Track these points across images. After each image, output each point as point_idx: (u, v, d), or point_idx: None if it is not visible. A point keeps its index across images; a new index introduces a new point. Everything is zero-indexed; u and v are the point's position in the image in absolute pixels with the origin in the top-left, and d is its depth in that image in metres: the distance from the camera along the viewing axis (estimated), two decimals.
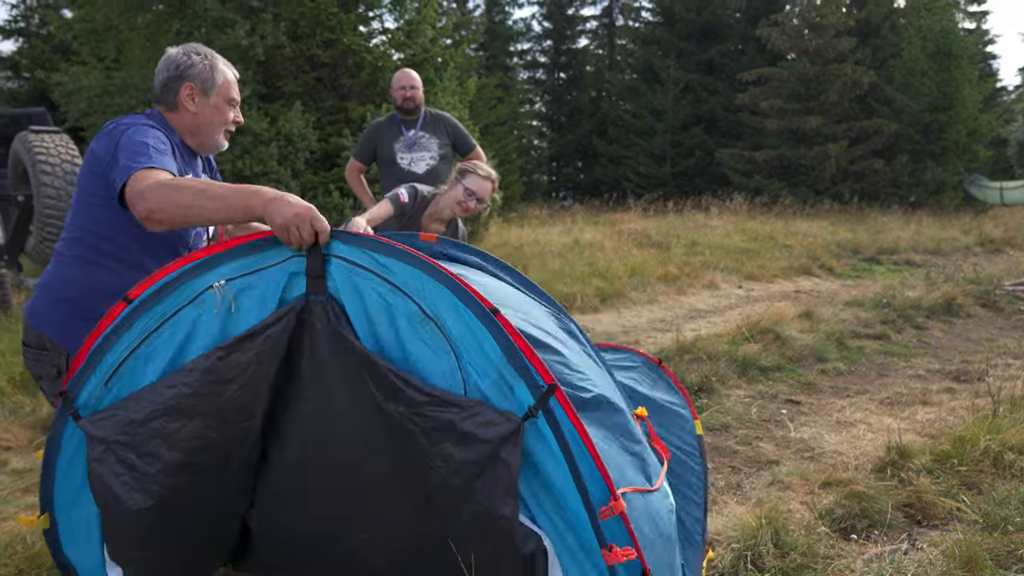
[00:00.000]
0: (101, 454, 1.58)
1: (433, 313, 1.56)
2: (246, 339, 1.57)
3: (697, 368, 4.81)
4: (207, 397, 1.57)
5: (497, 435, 1.49)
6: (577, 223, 13.47)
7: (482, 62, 23.65)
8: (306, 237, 1.60)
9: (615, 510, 1.49)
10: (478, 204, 3.25)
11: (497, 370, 1.53)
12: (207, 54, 2.08)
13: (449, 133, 4.56)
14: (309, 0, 9.37)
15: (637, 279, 7.78)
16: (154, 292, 1.64)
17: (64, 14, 12.70)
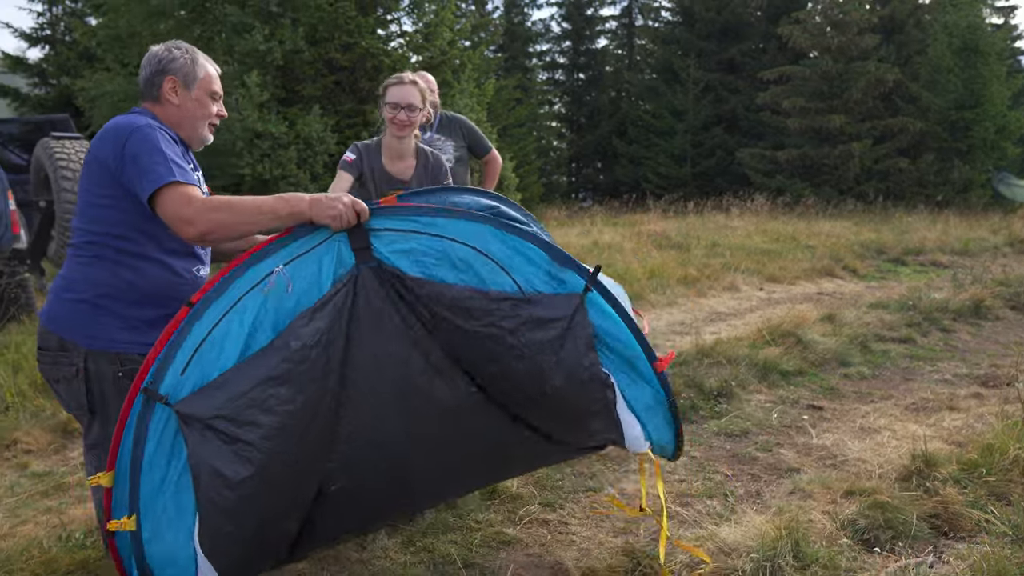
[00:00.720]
0: (200, 434, 1.70)
1: (483, 248, 1.91)
2: (319, 308, 1.81)
3: (717, 372, 4.74)
4: (296, 362, 1.76)
5: (567, 312, 1.90)
6: (596, 224, 13.39)
7: (501, 64, 23.67)
8: (352, 221, 1.85)
9: (645, 333, 2.04)
10: (409, 113, 2.97)
11: (546, 272, 1.93)
12: (187, 49, 2.12)
13: (464, 135, 4.53)
14: (327, 4, 9.43)
15: (656, 281, 7.71)
16: (215, 288, 1.78)
17: (89, 21, 12.91)
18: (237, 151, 9.06)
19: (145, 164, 1.86)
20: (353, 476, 1.94)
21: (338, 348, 1.84)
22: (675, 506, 3.10)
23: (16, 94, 12.76)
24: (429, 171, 3.20)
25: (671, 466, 3.53)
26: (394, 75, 3.09)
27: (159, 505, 1.74)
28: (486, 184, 4.84)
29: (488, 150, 4.62)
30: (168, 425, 1.73)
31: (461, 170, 4.54)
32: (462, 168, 4.56)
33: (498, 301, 1.89)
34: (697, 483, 3.34)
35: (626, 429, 2.11)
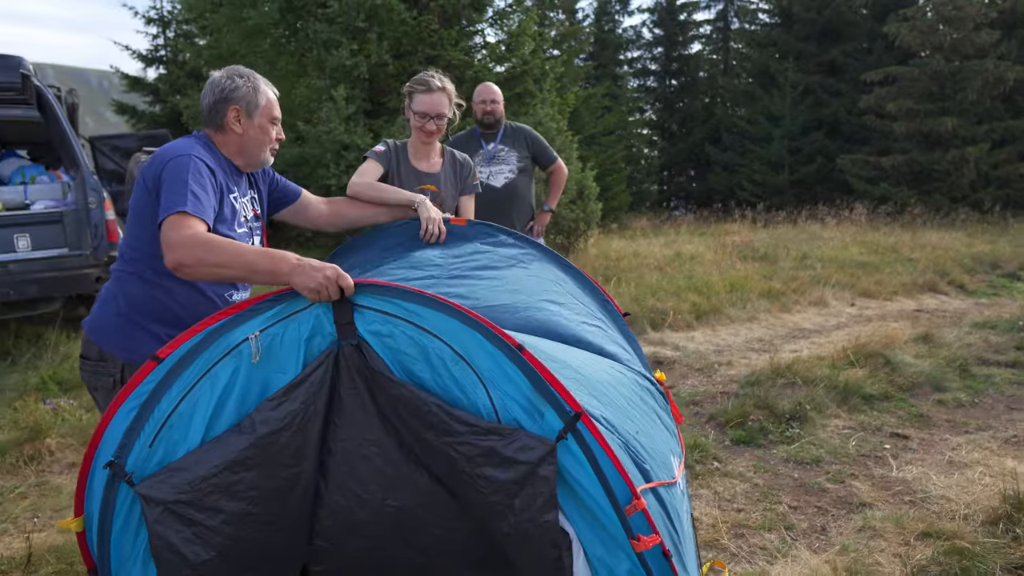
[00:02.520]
0: (160, 515, 1.67)
1: (464, 352, 1.71)
2: (293, 387, 1.71)
3: (791, 394, 4.47)
4: (264, 447, 1.69)
5: (535, 457, 1.65)
6: (681, 234, 13.02)
7: (590, 72, 23.51)
8: (334, 295, 1.72)
9: (637, 507, 1.67)
10: (439, 122, 2.95)
11: (527, 398, 1.69)
12: (249, 76, 2.16)
13: (528, 145, 4.50)
14: (411, 18, 9.61)
15: (737, 294, 7.38)
16: (188, 351, 1.73)
17: (199, 43, 13.77)
18: (325, 163, 9.36)
19: (167, 191, 1.91)
20: (340, 558, 1.85)
21: (314, 431, 1.74)
22: (727, 538, 2.91)
23: (133, 111, 13.77)
24: (457, 169, 3.18)
25: (729, 492, 3.33)
26: (421, 76, 3.02)
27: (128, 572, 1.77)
28: (551, 194, 4.76)
29: (553, 160, 4.61)
30: (135, 503, 1.73)
31: (524, 181, 4.50)
32: (525, 179, 4.51)
33: (461, 423, 1.69)
34: (756, 513, 3.13)
35: None
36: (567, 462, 1.68)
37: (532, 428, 1.68)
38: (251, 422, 1.69)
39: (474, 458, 1.66)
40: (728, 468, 3.59)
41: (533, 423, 1.68)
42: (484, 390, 1.70)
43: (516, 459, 1.64)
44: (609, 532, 1.70)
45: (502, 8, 11.13)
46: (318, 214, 2.55)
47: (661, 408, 2.24)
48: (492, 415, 1.69)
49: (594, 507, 1.69)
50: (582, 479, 1.69)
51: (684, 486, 2.15)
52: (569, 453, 1.67)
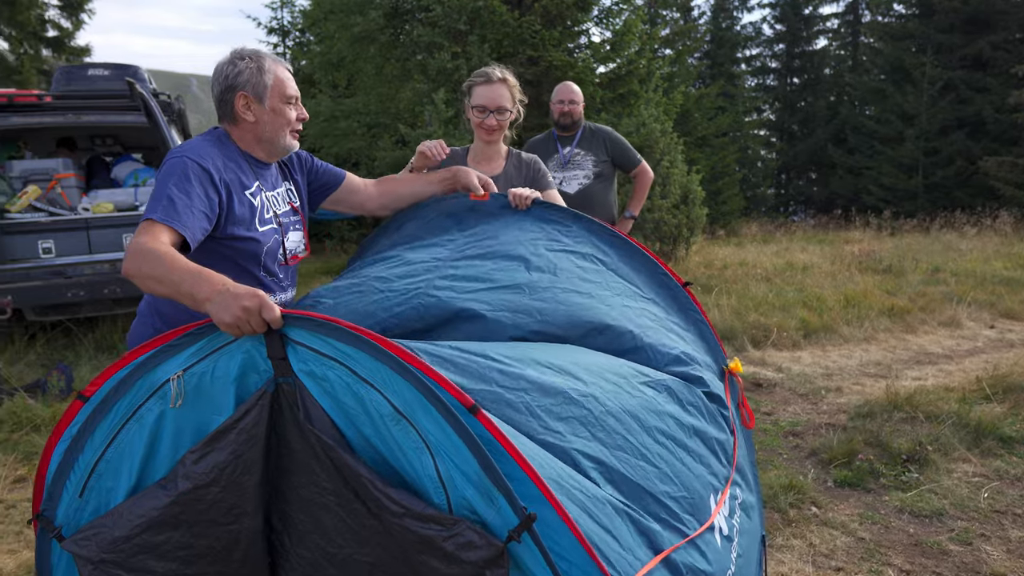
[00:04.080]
0: (92, 573, 1.51)
1: (405, 411, 1.39)
2: (218, 436, 1.46)
3: (910, 430, 3.92)
4: (188, 504, 1.47)
5: (480, 558, 1.32)
6: (795, 242, 12.16)
7: (704, 71, 22.63)
8: (257, 328, 1.43)
9: None
10: (499, 117, 2.71)
11: (479, 477, 1.36)
12: (251, 55, 1.96)
13: (608, 149, 4.22)
14: (513, 19, 9.48)
15: (853, 311, 6.70)
16: (112, 389, 1.53)
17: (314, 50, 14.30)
18: None
19: (150, 198, 1.79)
20: None
21: (251, 484, 1.50)
22: None
23: None
24: (522, 170, 2.89)
25: (827, 546, 2.90)
26: (480, 70, 2.78)
27: None
28: (633, 199, 4.44)
29: (636, 163, 4.31)
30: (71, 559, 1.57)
31: (601, 186, 4.20)
32: (603, 184, 4.22)
33: (396, 505, 1.38)
34: (859, 575, 2.69)
35: None
36: (526, 558, 1.36)
37: (485, 513, 1.36)
38: (173, 476, 1.48)
39: (414, 544, 1.38)
40: (828, 516, 3.15)
41: (487, 507, 1.36)
42: (430, 458, 1.38)
43: (458, 557, 1.34)
44: None
45: (608, 6, 10.79)
46: (367, 197, 2.35)
47: (709, 420, 1.88)
48: (440, 491, 1.38)
49: None
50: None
51: (734, 522, 1.79)
52: (528, 549, 1.35)
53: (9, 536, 3.17)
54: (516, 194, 2.32)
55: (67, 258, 5.79)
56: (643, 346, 1.94)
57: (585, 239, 2.26)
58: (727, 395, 2.04)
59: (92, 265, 5.63)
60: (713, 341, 2.22)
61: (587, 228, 2.30)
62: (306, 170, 2.24)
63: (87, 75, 6.37)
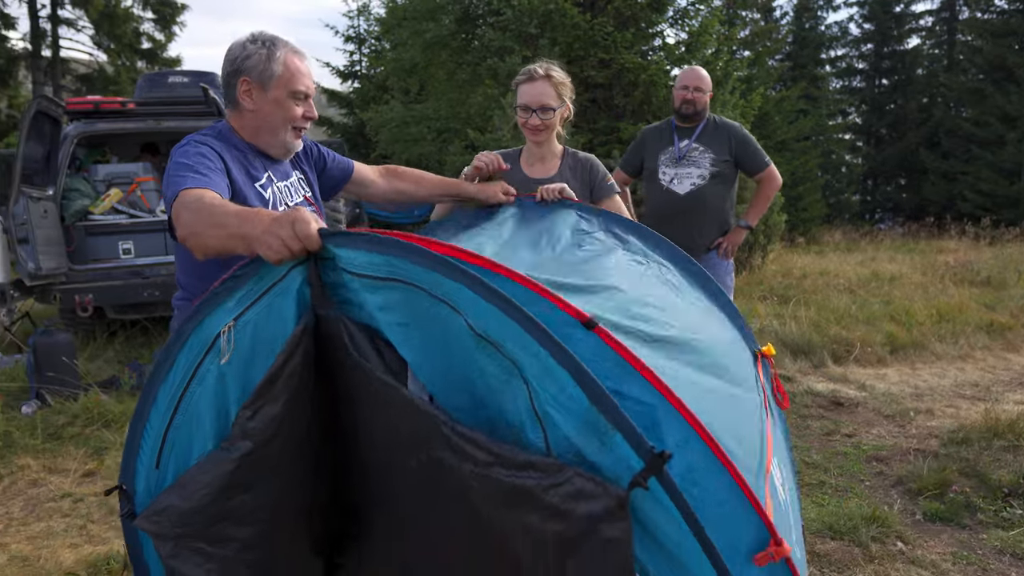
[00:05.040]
0: (173, 550, 1.38)
1: (485, 330, 1.14)
2: (267, 386, 1.30)
3: (1012, 460, 3.55)
4: (254, 465, 1.33)
5: (593, 511, 1.07)
6: (882, 251, 11.50)
7: (785, 73, 21.82)
8: (291, 244, 1.24)
9: (776, 556, 1.15)
10: (543, 116, 2.53)
11: (584, 411, 1.09)
12: (265, 40, 1.82)
13: (732, 147, 3.73)
14: (584, 22, 9.32)
15: (947, 326, 6.21)
16: (164, 350, 1.41)
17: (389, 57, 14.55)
18: None
19: (168, 182, 1.66)
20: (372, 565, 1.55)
21: (313, 429, 1.39)
22: None
23: (329, 123, 14.86)
24: (578, 171, 2.70)
25: None
26: (525, 68, 2.62)
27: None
28: (752, 207, 3.89)
29: (763, 167, 3.75)
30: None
31: (716, 189, 3.72)
32: (719, 186, 3.73)
33: (481, 450, 1.15)
34: None
35: None
36: (651, 511, 1.11)
37: (596, 457, 1.09)
38: (232, 438, 1.34)
39: (493, 496, 1.15)
40: (916, 553, 2.85)
41: (595, 449, 1.09)
42: (524, 387, 1.12)
43: (563, 510, 1.09)
44: None
45: (684, 7, 10.49)
46: (375, 190, 2.24)
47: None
48: (535, 427, 1.13)
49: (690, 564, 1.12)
50: (666, 526, 1.11)
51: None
52: (654, 500, 1.10)
53: (73, 531, 3.23)
54: (546, 189, 2.27)
55: (145, 259, 6.00)
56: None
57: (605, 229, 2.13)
58: (760, 376, 1.89)
59: (168, 266, 5.80)
60: (742, 323, 2.06)
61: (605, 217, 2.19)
62: (312, 160, 2.12)
63: (167, 82, 6.59)
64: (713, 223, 3.77)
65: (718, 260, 3.80)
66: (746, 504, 1.16)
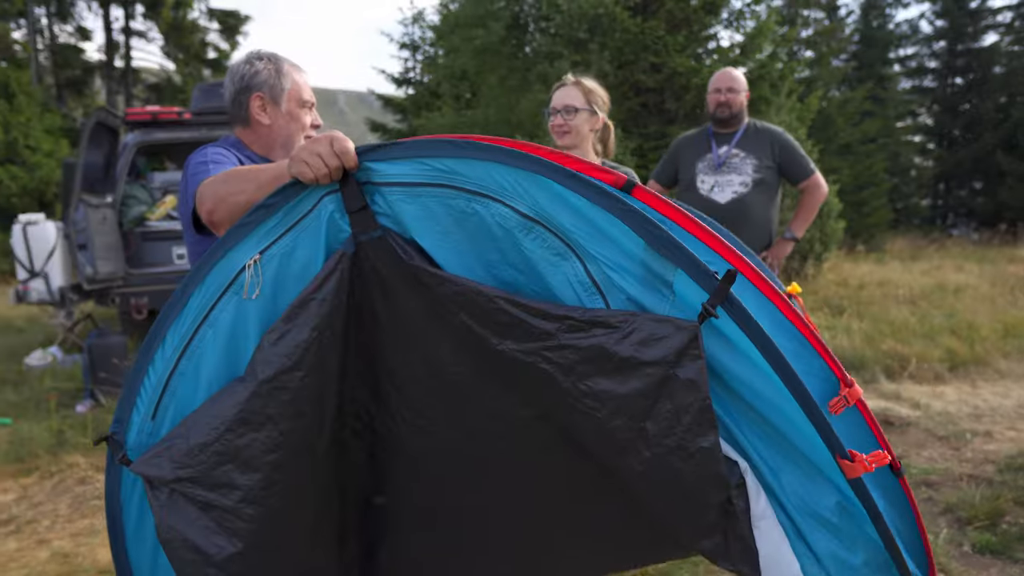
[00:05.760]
0: (167, 499, 1.28)
1: (535, 212, 1.17)
2: (296, 311, 1.24)
3: None
4: (272, 394, 1.24)
5: (668, 353, 1.10)
6: (949, 259, 10.96)
7: (849, 73, 21.10)
8: (328, 160, 1.23)
9: (850, 399, 1.14)
10: (566, 116, 2.56)
11: (642, 263, 1.13)
12: (270, 57, 1.91)
13: (775, 153, 3.52)
14: (635, 26, 9.20)
15: (1014, 342, 5.86)
16: (180, 288, 1.32)
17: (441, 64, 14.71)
18: None
19: (186, 183, 1.71)
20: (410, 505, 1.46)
21: (334, 362, 1.29)
22: None
23: (384, 128, 15.11)
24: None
25: None
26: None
27: (163, 569, 1.41)
28: (797, 217, 3.64)
29: (807, 175, 3.54)
30: (140, 483, 1.36)
31: (760, 197, 3.51)
32: (762, 195, 3.52)
33: (546, 319, 1.15)
34: None
35: (770, 560, 1.23)
36: (721, 352, 1.13)
37: (658, 309, 1.13)
38: (252, 366, 1.26)
39: (574, 367, 1.15)
40: None
41: (658, 300, 1.13)
42: (576, 259, 1.16)
43: (639, 359, 1.11)
44: (801, 451, 1.16)
45: (738, 9, 10.24)
46: None
47: None
48: (594, 296, 1.17)
49: (771, 413, 1.15)
50: (748, 375, 1.13)
51: None
52: (722, 337, 1.12)
53: None
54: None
55: None
56: None
57: None
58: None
59: None
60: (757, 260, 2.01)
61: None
62: None
63: (221, 92, 6.80)
64: (757, 234, 3.55)
65: None
66: (811, 349, 1.15)
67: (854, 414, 1.17)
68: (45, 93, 17.64)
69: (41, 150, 15.32)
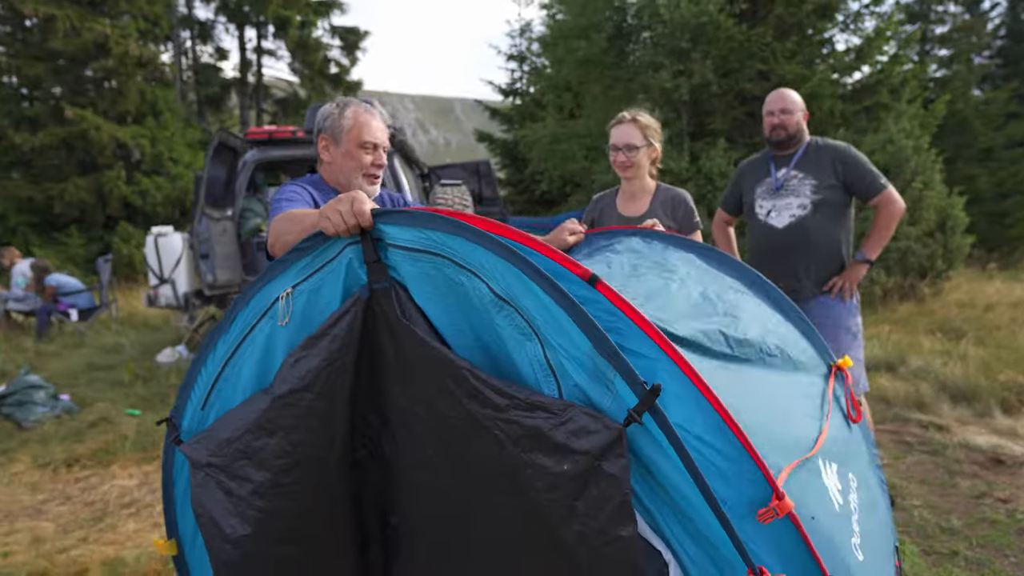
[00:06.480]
0: (202, 479, 1.57)
1: (506, 294, 1.33)
2: (313, 341, 1.47)
3: None
4: (284, 409, 1.48)
5: (594, 446, 1.23)
6: None
7: (993, 71, 19.41)
8: (347, 219, 1.44)
9: (779, 511, 1.19)
10: (628, 153, 2.84)
11: (590, 358, 1.26)
12: (341, 102, 2.14)
13: (838, 171, 3.33)
14: (740, 33, 8.94)
15: None
16: (232, 306, 1.64)
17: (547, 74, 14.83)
18: None
19: (269, 214, 2.02)
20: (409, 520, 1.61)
21: (343, 390, 1.48)
22: None
23: (491, 139, 15.40)
24: (668, 209, 2.90)
25: None
26: (618, 115, 2.94)
27: (199, 546, 1.73)
28: (870, 237, 3.41)
29: (878, 191, 3.33)
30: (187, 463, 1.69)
31: (822, 220, 3.35)
32: (825, 217, 3.35)
33: (499, 395, 1.31)
34: None
35: None
36: (647, 447, 1.24)
37: (601, 400, 1.24)
38: (272, 383, 1.51)
39: (519, 440, 1.29)
40: None
41: (602, 393, 1.24)
42: (538, 344, 1.29)
43: (569, 446, 1.24)
44: (722, 552, 1.22)
45: (856, 10, 9.69)
46: None
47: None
48: (549, 378, 1.29)
49: (693, 514, 1.23)
50: (670, 474, 1.23)
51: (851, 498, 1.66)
52: (648, 436, 1.23)
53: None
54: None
55: None
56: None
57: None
58: (830, 389, 1.91)
59: None
60: (817, 336, 2.08)
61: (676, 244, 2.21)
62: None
63: None
64: (822, 259, 3.37)
65: (833, 302, 3.38)
66: (745, 456, 1.22)
67: (787, 527, 1.21)
68: (187, 109, 19.32)
69: (182, 162, 16.77)
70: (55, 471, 4.38)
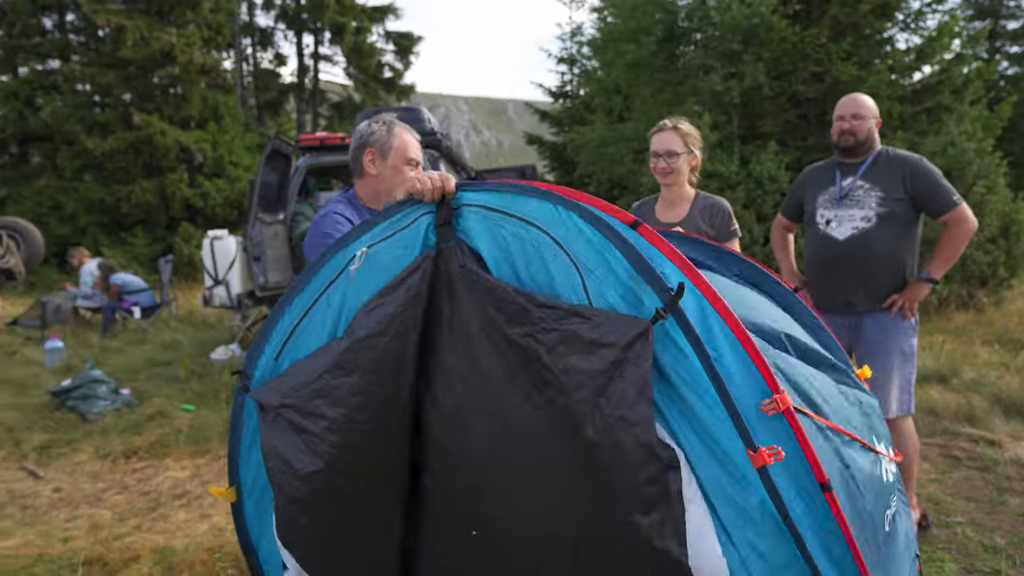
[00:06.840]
0: (271, 421, 1.70)
1: (562, 239, 1.53)
2: (389, 290, 1.62)
3: None
4: (363, 350, 1.61)
5: (623, 337, 1.39)
6: None
7: None
8: (435, 182, 1.63)
9: (780, 404, 1.35)
10: (668, 160, 2.89)
11: (625, 284, 1.46)
12: (386, 121, 2.27)
13: (907, 184, 3.14)
14: (793, 34, 8.76)
15: None
16: (307, 269, 1.80)
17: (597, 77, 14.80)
18: None
19: (313, 241, 2.14)
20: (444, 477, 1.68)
21: (412, 339, 1.61)
22: None
23: (540, 141, 15.46)
24: (707, 216, 2.93)
25: None
26: (659, 122, 2.99)
27: (259, 487, 1.87)
28: (936, 256, 3.22)
29: (948, 207, 3.13)
30: (254, 416, 1.83)
31: (885, 234, 3.17)
32: (889, 231, 3.17)
33: (540, 307, 1.48)
34: None
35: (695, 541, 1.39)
36: (665, 355, 1.41)
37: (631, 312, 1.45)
38: (350, 329, 1.65)
39: (555, 347, 1.44)
40: None
41: (632, 311, 1.44)
42: (579, 279, 1.49)
43: (600, 341, 1.40)
44: (724, 448, 1.39)
45: (917, 8, 9.36)
46: None
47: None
48: (586, 303, 1.48)
49: (702, 411, 1.40)
50: (685, 373, 1.40)
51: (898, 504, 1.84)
52: (670, 342, 1.40)
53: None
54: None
55: None
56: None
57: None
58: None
59: None
60: (839, 350, 2.15)
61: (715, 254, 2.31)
62: None
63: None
64: (884, 275, 3.22)
65: (892, 320, 3.23)
66: (750, 363, 1.38)
67: (784, 425, 1.37)
68: (247, 114, 19.98)
69: (241, 165, 17.37)
70: (114, 462, 4.62)
